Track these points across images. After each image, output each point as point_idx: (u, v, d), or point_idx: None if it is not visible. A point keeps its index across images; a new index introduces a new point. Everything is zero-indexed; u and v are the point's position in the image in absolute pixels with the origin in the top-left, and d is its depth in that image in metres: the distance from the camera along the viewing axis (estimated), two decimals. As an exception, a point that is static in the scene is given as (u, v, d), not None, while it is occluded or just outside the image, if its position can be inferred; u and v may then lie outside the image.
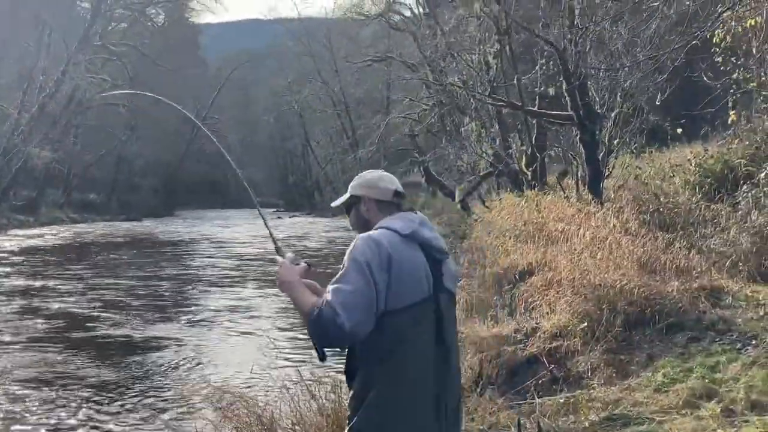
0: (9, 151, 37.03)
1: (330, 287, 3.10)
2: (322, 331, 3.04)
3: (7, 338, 12.56)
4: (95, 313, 15.20)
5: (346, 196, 3.55)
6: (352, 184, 3.54)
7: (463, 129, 22.83)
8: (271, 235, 3.80)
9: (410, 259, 3.17)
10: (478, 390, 8.40)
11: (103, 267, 23.26)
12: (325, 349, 3.21)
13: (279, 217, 51.18)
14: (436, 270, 3.26)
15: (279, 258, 3.55)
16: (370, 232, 3.24)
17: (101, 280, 19.99)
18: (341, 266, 3.16)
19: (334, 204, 3.70)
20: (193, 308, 16.13)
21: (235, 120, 70.51)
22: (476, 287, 12.15)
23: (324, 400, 6.84)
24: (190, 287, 19.35)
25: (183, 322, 14.49)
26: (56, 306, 15.89)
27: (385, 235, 3.19)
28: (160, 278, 21.01)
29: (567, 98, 13.98)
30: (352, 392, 3.27)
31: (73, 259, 25.43)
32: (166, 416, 8.37)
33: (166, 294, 18.27)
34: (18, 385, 9.80)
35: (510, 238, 12.90)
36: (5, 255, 25.78)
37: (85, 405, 9.00)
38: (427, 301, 3.18)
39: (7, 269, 22.01)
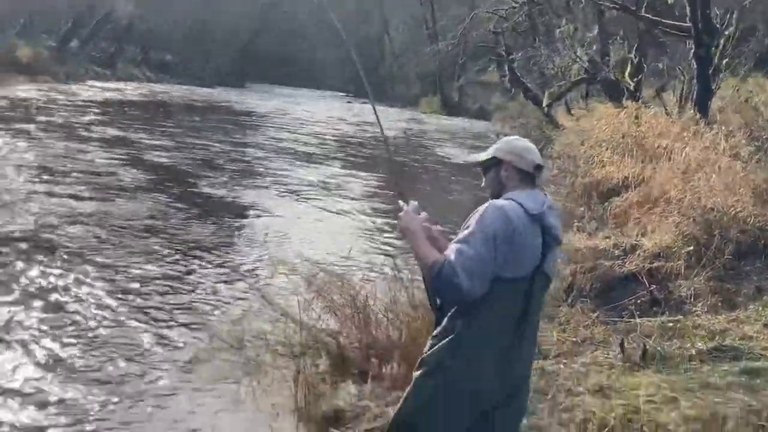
0: (93, 3, 36.91)
1: (454, 246, 3.16)
2: (440, 287, 3.16)
3: (105, 185, 12.59)
4: (189, 170, 15.36)
5: (488, 155, 3.51)
6: (496, 146, 3.52)
7: (558, 31, 21.88)
8: (396, 181, 3.96)
9: (530, 239, 3.20)
10: (569, 300, 8.11)
11: (188, 128, 23.18)
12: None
13: (349, 102, 50.58)
14: (544, 253, 3.27)
15: (402, 204, 3.57)
16: (502, 203, 3.25)
17: (189, 140, 20.03)
18: (466, 225, 3.22)
19: (471, 159, 3.73)
20: (283, 179, 15.86)
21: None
22: (564, 195, 11.76)
23: (416, 292, 6.57)
24: (276, 158, 19.06)
25: (274, 191, 14.39)
26: (150, 158, 16.05)
27: (515, 209, 3.20)
28: (246, 145, 20.97)
29: (687, 8, 13.14)
30: (440, 328, 3.33)
31: (157, 117, 25.51)
32: (254, 281, 8.22)
33: (254, 161, 18.15)
34: (113, 232, 9.77)
35: (606, 150, 12.36)
36: (89, 104, 26.07)
37: (177, 258, 8.95)
38: (525, 279, 3.21)
39: (97, 118, 22.17)
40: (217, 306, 7.38)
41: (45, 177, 12.49)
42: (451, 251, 3.13)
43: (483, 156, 3.53)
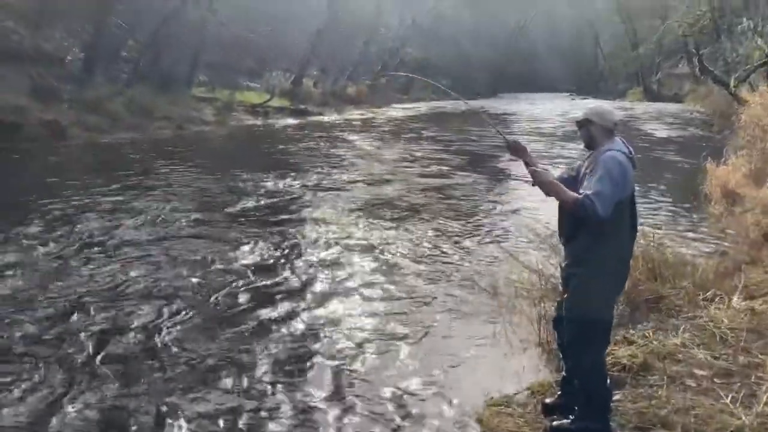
0: (392, 52, 37.61)
1: (591, 186, 3.11)
2: (584, 214, 3.10)
3: (440, 163, 12.92)
4: (480, 152, 15.34)
5: (582, 117, 3.40)
6: (587, 110, 3.40)
7: (739, 27, 18.75)
8: (517, 149, 3.56)
9: (631, 172, 3.21)
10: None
11: (466, 127, 22.70)
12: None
13: (572, 98, 47.54)
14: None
15: (530, 165, 3.41)
16: (614, 154, 3.20)
17: (468, 134, 19.86)
18: (590, 169, 3.20)
19: (575, 118, 3.50)
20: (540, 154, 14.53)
21: (543, 29, 65.08)
22: (758, 156, 9.83)
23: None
24: (531, 139, 17.69)
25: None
26: (458, 146, 16.41)
27: (622, 157, 3.20)
28: (509, 134, 19.96)
29: None
30: (576, 245, 3.30)
31: (444, 122, 25.69)
32: (505, 241, 7.25)
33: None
34: (436, 199, 9.57)
35: (791, 117, 10.17)
36: (399, 118, 27.02)
37: (455, 222, 8.32)
38: (630, 195, 3.25)
39: (413, 125, 23.09)
40: (477, 260, 6.68)
41: (398, 162, 13.45)
42: (589, 190, 3.09)
43: (579, 117, 3.42)
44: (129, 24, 21.31)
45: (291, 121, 23.41)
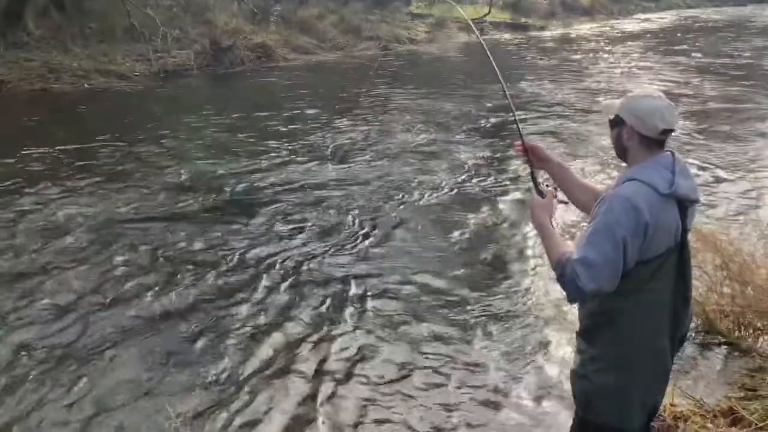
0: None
1: (580, 246, 1.94)
2: (563, 285, 1.97)
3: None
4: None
5: (613, 112, 2.10)
6: (623, 102, 2.08)
7: None
8: (531, 168, 2.34)
9: (665, 219, 1.94)
10: None
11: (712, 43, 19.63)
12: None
13: None
14: (683, 217, 1.98)
15: (535, 192, 2.23)
16: (630, 193, 1.93)
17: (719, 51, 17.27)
18: (594, 213, 1.98)
19: (603, 107, 2.43)
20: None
21: None
22: None
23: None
24: None
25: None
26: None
27: (645, 197, 1.92)
28: None
29: None
30: (587, 313, 2.10)
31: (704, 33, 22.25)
32: None
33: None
34: None
35: None
36: (640, 30, 24.28)
37: None
38: (672, 249, 1.98)
39: (654, 41, 19.98)
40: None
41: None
42: (575, 252, 1.95)
43: (610, 111, 2.13)
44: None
45: (507, 36, 21.89)
